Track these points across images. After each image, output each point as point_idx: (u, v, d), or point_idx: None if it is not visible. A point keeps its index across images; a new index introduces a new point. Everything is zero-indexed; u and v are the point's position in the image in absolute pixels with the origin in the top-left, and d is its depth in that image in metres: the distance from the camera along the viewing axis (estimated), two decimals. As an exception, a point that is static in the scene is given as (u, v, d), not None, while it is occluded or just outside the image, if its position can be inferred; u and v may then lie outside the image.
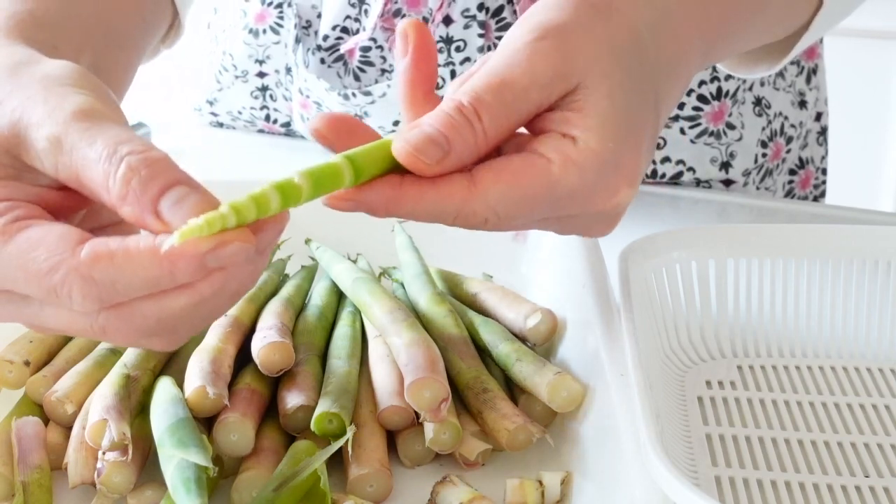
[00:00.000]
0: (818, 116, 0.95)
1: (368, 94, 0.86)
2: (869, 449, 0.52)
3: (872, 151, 2.03)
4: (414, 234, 0.68)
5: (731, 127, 0.86)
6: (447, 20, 0.82)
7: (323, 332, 0.58)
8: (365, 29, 0.85)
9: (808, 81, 0.92)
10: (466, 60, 0.83)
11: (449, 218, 0.44)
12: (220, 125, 1.00)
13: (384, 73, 0.86)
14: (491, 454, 0.52)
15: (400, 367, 0.51)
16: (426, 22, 0.83)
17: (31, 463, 0.48)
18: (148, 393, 0.51)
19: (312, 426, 0.49)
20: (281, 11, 0.90)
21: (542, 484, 0.48)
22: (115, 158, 0.38)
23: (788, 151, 0.92)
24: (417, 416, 0.50)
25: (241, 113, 0.96)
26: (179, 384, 0.51)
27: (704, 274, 0.60)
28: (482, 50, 0.83)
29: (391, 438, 0.52)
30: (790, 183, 0.94)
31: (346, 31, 0.87)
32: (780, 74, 0.89)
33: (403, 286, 0.64)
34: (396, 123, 0.88)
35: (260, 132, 0.98)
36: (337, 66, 0.88)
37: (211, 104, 0.98)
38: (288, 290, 0.61)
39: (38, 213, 0.40)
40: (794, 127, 0.91)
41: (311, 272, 0.67)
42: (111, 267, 0.37)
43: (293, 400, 0.51)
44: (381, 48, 0.85)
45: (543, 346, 0.58)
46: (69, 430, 0.51)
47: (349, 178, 0.41)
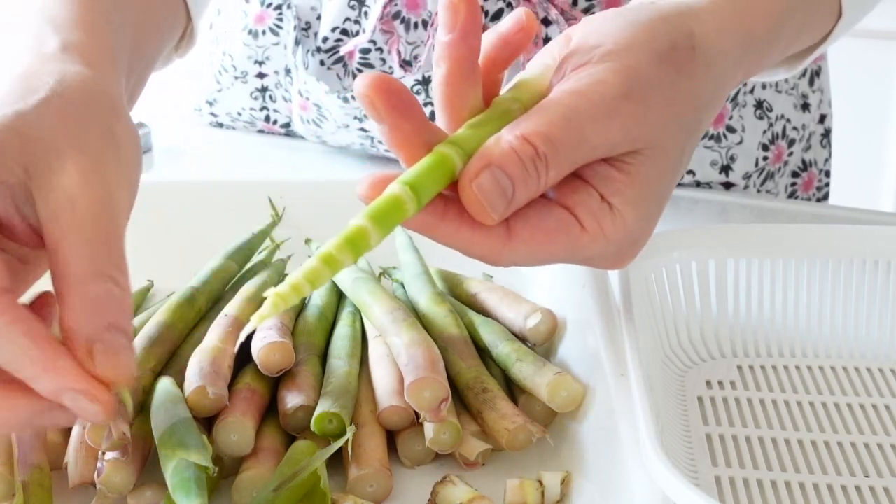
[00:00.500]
0: (822, 119, 0.94)
1: (368, 95, 0.86)
2: (869, 449, 0.52)
3: (874, 152, 2.03)
4: (414, 234, 0.68)
5: (731, 130, 0.86)
6: None
7: (323, 332, 0.58)
8: (364, 31, 0.85)
9: (811, 84, 0.91)
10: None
11: (473, 255, 0.44)
12: (219, 125, 0.99)
13: (384, 74, 0.86)
14: (491, 454, 0.52)
15: (400, 367, 0.52)
16: (426, 24, 0.83)
17: (31, 463, 0.48)
18: (148, 393, 0.51)
19: (312, 426, 0.49)
20: (280, 13, 0.90)
21: (542, 484, 0.48)
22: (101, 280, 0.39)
23: (791, 154, 0.91)
24: (417, 416, 0.50)
25: (240, 114, 0.96)
26: (179, 384, 0.51)
27: (704, 274, 0.60)
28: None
29: (391, 438, 0.52)
30: (793, 185, 0.94)
31: (345, 32, 0.87)
32: (782, 77, 0.89)
33: (403, 286, 0.64)
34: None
35: (260, 132, 0.97)
36: (336, 67, 0.88)
37: (211, 104, 0.98)
38: (288, 290, 0.61)
39: None
40: (796, 129, 0.91)
41: (311, 272, 0.66)
42: None
43: (293, 400, 0.51)
44: (380, 50, 0.85)
45: (543, 346, 0.58)
46: (69, 429, 0.51)
47: (412, 210, 0.41)
